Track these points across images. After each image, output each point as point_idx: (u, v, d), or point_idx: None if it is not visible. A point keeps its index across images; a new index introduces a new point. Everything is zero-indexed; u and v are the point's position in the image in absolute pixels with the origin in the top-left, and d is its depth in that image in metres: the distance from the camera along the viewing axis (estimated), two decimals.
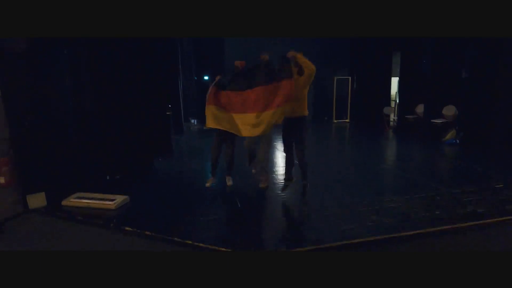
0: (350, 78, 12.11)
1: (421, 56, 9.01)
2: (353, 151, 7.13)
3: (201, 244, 2.75)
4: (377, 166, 5.55)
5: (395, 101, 11.82)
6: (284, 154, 3.96)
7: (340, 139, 9.34)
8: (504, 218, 3.17)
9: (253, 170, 4.50)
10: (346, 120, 12.20)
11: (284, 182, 3.98)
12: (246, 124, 3.64)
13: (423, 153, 6.78)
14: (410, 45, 9.20)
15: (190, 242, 2.79)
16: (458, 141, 6.95)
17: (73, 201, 3.67)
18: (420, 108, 8.80)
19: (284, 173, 4.01)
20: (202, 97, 12.57)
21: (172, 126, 10.65)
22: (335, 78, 12.07)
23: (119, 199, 3.63)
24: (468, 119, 7.04)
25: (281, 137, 3.85)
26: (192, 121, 12.14)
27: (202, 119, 12.88)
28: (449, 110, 7.58)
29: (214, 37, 11.22)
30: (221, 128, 3.79)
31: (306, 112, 3.62)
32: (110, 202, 3.55)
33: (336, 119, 12.16)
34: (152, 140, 5.80)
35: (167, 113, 10.22)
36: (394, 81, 11.51)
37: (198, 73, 11.80)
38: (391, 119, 10.95)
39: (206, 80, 12.00)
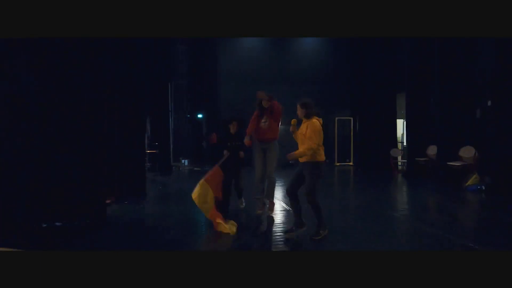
0: (352, 119, 11.44)
1: (427, 95, 8.38)
2: (360, 198, 6.07)
3: None
4: (390, 216, 4.48)
5: (402, 142, 10.99)
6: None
7: (344, 184, 8.32)
8: None
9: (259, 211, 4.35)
10: (349, 163, 11.26)
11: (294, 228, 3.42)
12: None
13: (442, 201, 5.72)
14: (415, 85, 8.61)
15: None
16: (483, 187, 5.90)
17: None
18: (432, 150, 7.90)
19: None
20: (194, 137, 12.01)
21: (158, 165, 9.79)
22: (336, 119, 11.41)
23: None
24: (491, 161, 6.08)
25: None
26: (183, 161, 11.24)
27: (193, 159, 12.06)
28: (468, 152, 6.66)
29: (209, 76, 10.86)
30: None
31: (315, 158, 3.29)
32: None
33: (338, 162, 11.24)
34: (114, 179, 4.88)
35: (149, 151, 9.43)
36: (398, 123, 10.83)
37: (191, 111, 11.22)
38: (399, 162, 10.00)
39: (199, 118, 11.39)
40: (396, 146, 9.90)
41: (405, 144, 10.81)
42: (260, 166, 4.24)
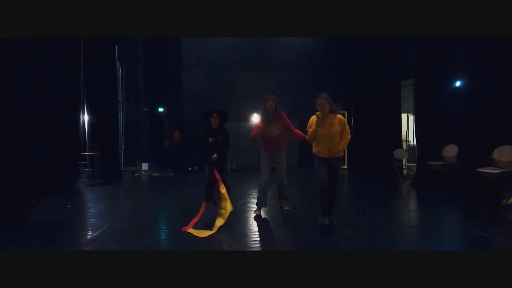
0: (346, 112, 9.53)
1: (443, 81, 6.49)
2: (349, 222, 4.12)
3: None
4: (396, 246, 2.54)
5: (407, 141, 9.10)
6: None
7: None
8: None
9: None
10: (343, 167, 9.34)
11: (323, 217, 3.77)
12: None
13: (469, 225, 3.77)
14: (426, 68, 6.69)
15: None
16: None
17: None
18: (450, 151, 6.01)
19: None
20: (155, 135, 9.93)
21: (100, 171, 7.78)
22: None
23: None
24: None
25: None
26: (141, 165, 9.23)
27: (154, 163, 10.08)
28: (506, 154, 4.75)
29: (171, 61, 8.84)
30: None
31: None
32: None
33: None
34: None
35: (87, 153, 7.45)
36: (403, 117, 8.94)
37: (150, 103, 9.18)
38: (404, 166, 8.09)
39: (160, 112, 9.37)
40: (400, 146, 7.99)
41: (411, 143, 8.93)
42: (267, 171, 4.18)
